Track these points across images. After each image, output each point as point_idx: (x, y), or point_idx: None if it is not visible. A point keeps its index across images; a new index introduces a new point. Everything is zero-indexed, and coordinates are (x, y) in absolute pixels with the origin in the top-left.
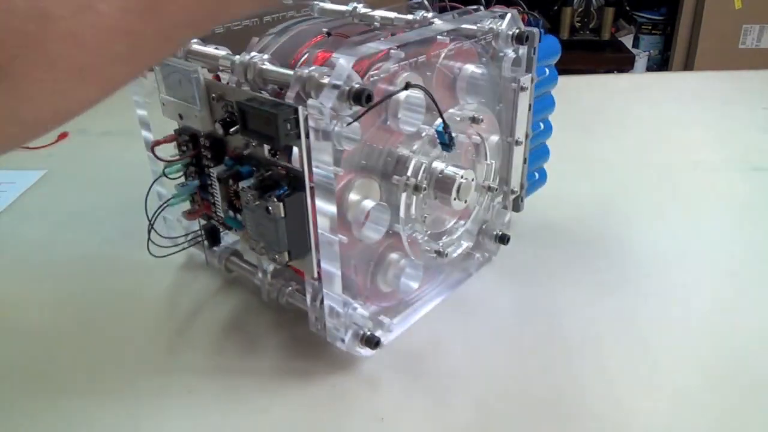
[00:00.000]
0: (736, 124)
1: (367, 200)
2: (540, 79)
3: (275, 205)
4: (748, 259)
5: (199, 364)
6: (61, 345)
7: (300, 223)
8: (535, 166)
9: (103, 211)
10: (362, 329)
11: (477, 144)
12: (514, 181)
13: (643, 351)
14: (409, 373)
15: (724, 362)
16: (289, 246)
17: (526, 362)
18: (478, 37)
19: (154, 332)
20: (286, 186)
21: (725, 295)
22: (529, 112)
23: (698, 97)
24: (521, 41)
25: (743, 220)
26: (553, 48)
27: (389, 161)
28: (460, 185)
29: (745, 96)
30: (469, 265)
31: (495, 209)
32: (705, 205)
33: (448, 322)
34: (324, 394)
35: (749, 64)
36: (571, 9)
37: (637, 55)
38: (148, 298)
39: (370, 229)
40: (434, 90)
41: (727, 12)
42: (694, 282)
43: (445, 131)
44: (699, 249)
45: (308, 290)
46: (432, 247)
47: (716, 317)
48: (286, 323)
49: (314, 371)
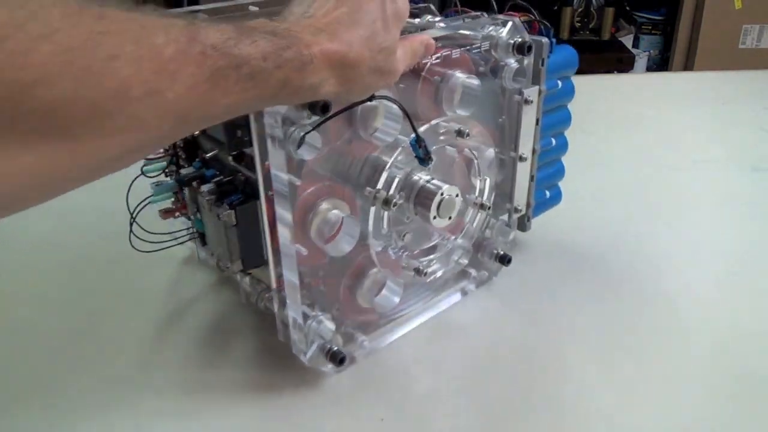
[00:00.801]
0: (736, 124)
1: (333, 212)
2: (551, 92)
3: (226, 212)
4: (748, 258)
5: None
6: (60, 344)
7: (254, 232)
8: (547, 184)
9: (103, 211)
10: (328, 344)
11: (469, 158)
12: (519, 199)
13: (639, 357)
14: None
15: (725, 362)
16: (242, 255)
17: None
18: (473, 45)
19: (143, 331)
20: (241, 193)
21: (725, 295)
22: (536, 127)
23: (698, 97)
24: (522, 51)
25: (743, 220)
26: (569, 59)
27: (364, 172)
28: (441, 202)
29: (745, 96)
30: (466, 283)
31: (497, 227)
32: (705, 205)
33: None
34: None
35: (749, 64)
36: (571, 9)
37: (637, 55)
38: (143, 296)
39: (336, 242)
40: (419, 99)
41: (727, 12)
42: (694, 282)
43: (419, 145)
44: (699, 249)
45: (274, 299)
46: (411, 264)
47: (716, 317)
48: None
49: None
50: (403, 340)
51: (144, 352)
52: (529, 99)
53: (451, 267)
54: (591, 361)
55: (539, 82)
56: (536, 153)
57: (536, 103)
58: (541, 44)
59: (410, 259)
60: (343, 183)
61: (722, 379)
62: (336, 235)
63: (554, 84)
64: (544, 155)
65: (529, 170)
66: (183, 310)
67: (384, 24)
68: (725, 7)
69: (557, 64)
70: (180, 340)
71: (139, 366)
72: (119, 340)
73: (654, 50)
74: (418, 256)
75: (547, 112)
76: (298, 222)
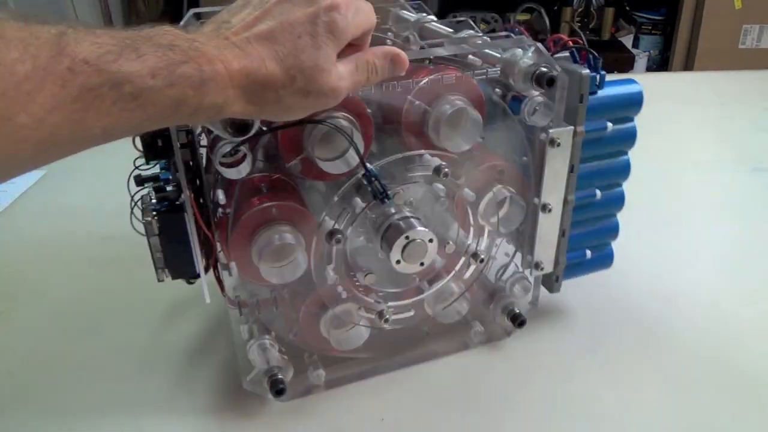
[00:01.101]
0: (736, 124)
1: (274, 236)
2: (596, 135)
3: (150, 219)
4: (749, 258)
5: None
6: (59, 344)
7: (181, 243)
8: (589, 243)
9: (102, 211)
10: (273, 371)
11: (467, 199)
12: (541, 255)
13: (642, 352)
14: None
15: (725, 362)
16: (167, 264)
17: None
18: (479, 68)
19: (144, 331)
20: (168, 203)
21: (725, 295)
22: (570, 175)
23: (698, 97)
24: (541, 83)
25: (743, 220)
26: (628, 98)
27: (326, 201)
28: (405, 246)
29: (745, 96)
30: (470, 337)
31: (515, 279)
32: (705, 205)
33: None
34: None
35: (749, 64)
36: (571, 9)
37: (637, 55)
38: (143, 296)
39: (281, 270)
40: (405, 125)
41: (727, 12)
42: (693, 282)
43: (372, 180)
44: (698, 249)
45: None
46: (373, 306)
47: (716, 317)
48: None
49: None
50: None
51: (145, 351)
52: (557, 141)
53: (421, 315)
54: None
55: (576, 121)
56: (569, 205)
57: (569, 146)
58: (579, 77)
59: (377, 299)
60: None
61: (722, 379)
62: (262, 261)
63: (601, 126)
64: (584, 209)
65: (558, 224)
66: (184, 309)
67: (313, 40)
68: (725, 7)
69: (609, 103)
70: (180, 340)
71: (140, 365)
72: (119, 341)
73: (654, 50)
74: (390, 298)
75: (591, 158)
76: (237, 241)
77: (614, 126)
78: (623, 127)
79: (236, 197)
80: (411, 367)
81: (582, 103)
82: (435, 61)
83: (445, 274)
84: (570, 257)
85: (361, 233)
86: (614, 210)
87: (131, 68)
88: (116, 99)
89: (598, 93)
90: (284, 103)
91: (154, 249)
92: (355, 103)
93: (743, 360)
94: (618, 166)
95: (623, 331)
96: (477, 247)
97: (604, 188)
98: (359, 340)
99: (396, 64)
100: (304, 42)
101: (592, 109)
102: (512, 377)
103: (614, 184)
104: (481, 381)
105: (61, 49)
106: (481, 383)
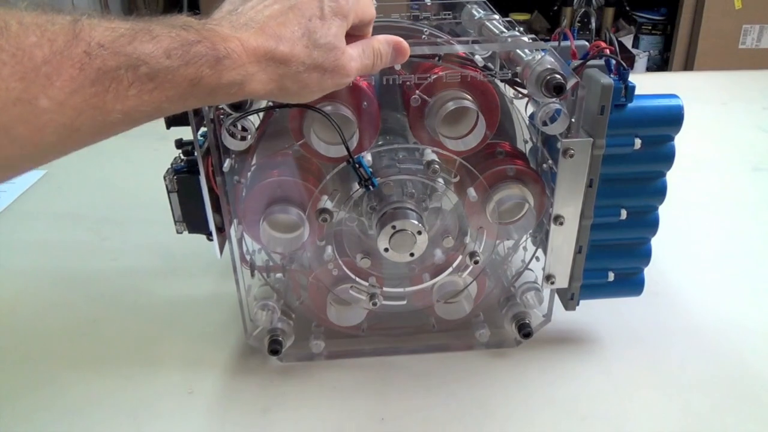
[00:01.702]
0: (736, 124)
1: (275, 207)
2: (621, 151)
3: (170, 177)
4: (749, 258)
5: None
6: (58, 344)
7: (195, 202)
8: (614, 265)
9: (102, 211)
10: (275, 332)
11: (473, 199)
12: (554, 268)
13: (643, 353)
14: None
15: (726, 362)
16: (184, 219)
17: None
18: (484, 69)
19: (143, 335)
20: (189, 165)
21: (725, 295)
22: (588, 189)
23: (698, 97)
24: (549, 90)
25: (743, 220)
26: (665, 114)
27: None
28: (392, 235)
29: (745, 96)
30: (475, 337)
31: (527, 289)
32: (705, 205)
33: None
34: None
35: (749, 64)
36: (571, 9)
37: (637, 55)
38: (144, 296)
39: (275, 238)
40: (410, 117)
41: (727, 12)
42: (693, 282)
43: (358, 167)
44: (699, 248)
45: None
46: (366, 289)
47: (716, 317)
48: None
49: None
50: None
51: (145, 352)
52: (571, 151)
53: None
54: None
55: (595, 133)
56: (586, 220)
57: (586, 159)
58: (599, 86)
59: (374, 285)
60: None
61: (722, 379)
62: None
63: (627, 142)
64: (607, 228)
65: (574, 239)
66: (184, 309)
67: (322, 21)
68: (725, 7)
69: (639, 118)
70: (180, 339)
71: (140, 365)
72: (119, 340)
73: (654, 50)
74: (390, 284)
75: (616, 175)
76: (247, 210)
77: (647, 144)
78: (658, 146)
79: (253, 169)
80: (414, 365)
81: (603, 114)
82: (446, 58)
83: (447, 269)
84: (589, 276)
85: (362, 218)
86: (646, 235)
87: (146, 50)
88: (133, 80)
89: (627, 106)
90: (302, 80)
91: (173, 205)
92: (360, 94)
93: (743, 361)
94: (651, 188)
95: (624, 333)
96: (475, 247)
97: (633, 210)
98: (356, 319)
99: (398, 52)
100: (315, 23)
101: (619, 122)
102: (517, 383)
103: (646, 206)
104: (485, 383)
105: (76, 34)
106: (485, 385)
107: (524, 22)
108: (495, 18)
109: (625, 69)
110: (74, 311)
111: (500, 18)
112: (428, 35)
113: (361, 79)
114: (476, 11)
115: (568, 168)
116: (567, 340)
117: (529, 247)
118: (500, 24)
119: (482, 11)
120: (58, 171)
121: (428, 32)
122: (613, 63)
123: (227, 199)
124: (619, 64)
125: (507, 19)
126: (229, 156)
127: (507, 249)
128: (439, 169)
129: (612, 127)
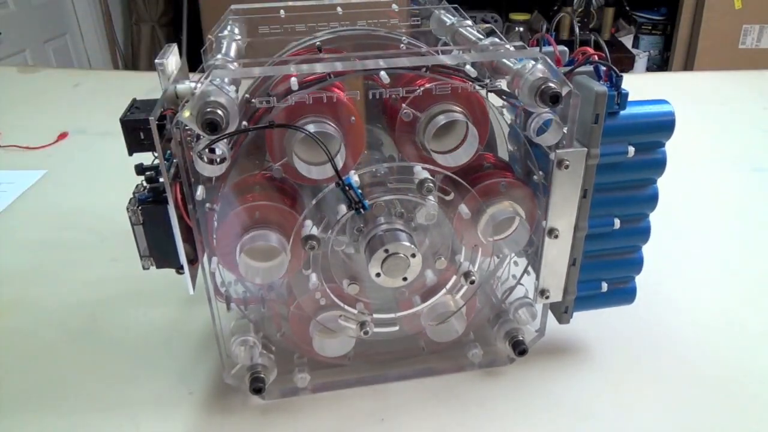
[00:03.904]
0: (736, 124)
1: (254, 234)
2: (615, 160)
3: (133, 209)
4: (749, 258)
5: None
6: (58, 344)
7: (163, 234)
8: (607, 275)
9: (102, 211)
10: (256, 369)
11: (465, 216)
12: (548, 282)
13: (637, 356)
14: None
15: (725, 362)
16: (151, 253)
17: None
18: (474, 79)
19: (143, 335)
20: (154, 194)
21: (726, 295)
22: (581, 200)
23: (698, 97)
24: (545, 100)
25: (743, 220)
26: (656, 121)
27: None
28: (385, 259)
29: (745, 96)
30: (468, 358)
31: (520, 305)
32: (705, 205)
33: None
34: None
35: (749, 64)
36: (571, 9)
37: (637, 55)
38: (144, 296)
39: (253, 268)
40: (397, 133)
41: (727, 12)
42: (693, 282)
43: (347, 189)
44: (699, 248)
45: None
46: (355, 317)
47: (716, 317)
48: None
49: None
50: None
51: (145, 351)
52: (565, 162)
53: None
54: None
55: (589, 143)
56: (580, 232)
57: (580, 170)
58: (594, 95)
59: (363, 311)
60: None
61: (722, 379)
62: (241, 257)
63: (621, 150)
64: (600, 239)
65: (568, 252)
66: (184, 309)
67: None
68: (725, 7)
69: (631, 125)
70: (181, 338)
71: (140, 365)
72: (119, 340)
73: (654, 50)
74: (379, 310)
75: (609, 184)
76: (221, 239)
77: (639, 151)
78: (650, 153)
79: (225, 194)
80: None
81: (597, 123)
82: (433, 69)
83: (438, 290)
84: (582, 288)
85: (348, 242)
86: (638, 243)
87: None
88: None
89: (620, 113)
90: None
91: (138, 238)
92: (344, 110)
93: (743, 361)
94: (643, 196)
95: (624, 334)
96: (470, 267)
97: (625, 218)
98: (343, 349)
99: None
100: None
101: (612, 130)
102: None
103: (638, 214)
104: (483, 386)
105: None
106: (483, 389)
107: (524, 22)
108: (468, 24)
109: (619, 76)
110: (74, 311)
111: (473, 24)
112: (407, 44)
113: (344, 93)
114: (447, 17)
115: (562, 180)
116: (560, 351)
117: (518, 260)
118: (474, 30)
119: (453, 17)
120: (58, 171)
121: (407, 41)
122: (603, 69)
123: (199, 230)
124: (611, 71)
125: (487, 25)
126: (200, 182)
127: (494, 264)
128: (434, 187)
129: (605, 136)
